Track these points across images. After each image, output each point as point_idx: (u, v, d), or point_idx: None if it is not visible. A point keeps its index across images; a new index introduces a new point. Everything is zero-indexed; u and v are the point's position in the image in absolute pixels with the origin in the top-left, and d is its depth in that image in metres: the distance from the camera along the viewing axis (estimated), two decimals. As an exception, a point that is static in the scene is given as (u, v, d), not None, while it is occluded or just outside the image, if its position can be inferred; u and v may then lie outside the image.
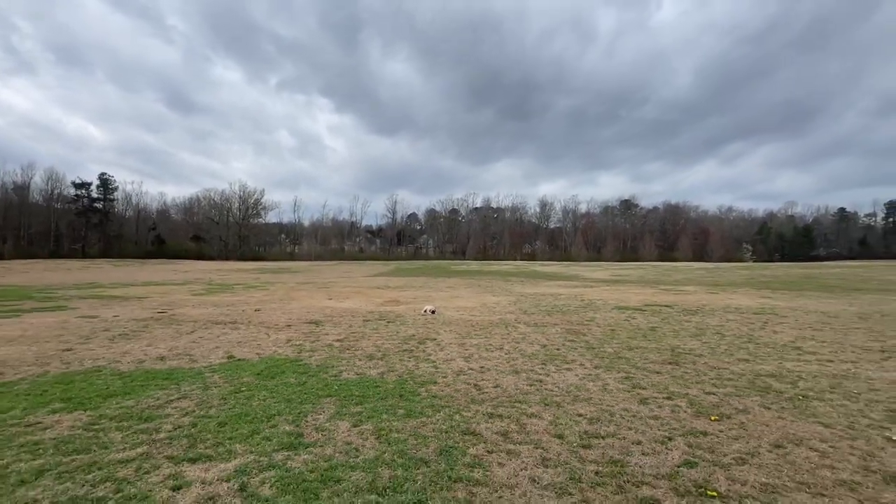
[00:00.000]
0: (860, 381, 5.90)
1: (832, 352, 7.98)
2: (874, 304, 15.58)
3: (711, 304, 15.73)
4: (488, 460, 3.49)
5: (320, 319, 11.52)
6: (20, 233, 68.00)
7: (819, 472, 3.32)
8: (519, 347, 8.16)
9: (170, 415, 4.47)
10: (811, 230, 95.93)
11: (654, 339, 9.03)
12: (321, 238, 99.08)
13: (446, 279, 31.37)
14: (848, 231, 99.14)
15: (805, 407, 4.83)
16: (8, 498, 2.88)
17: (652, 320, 11.81)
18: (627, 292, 20.62)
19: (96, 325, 10.38)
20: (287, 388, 5.46)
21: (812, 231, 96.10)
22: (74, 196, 72.62)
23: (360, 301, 16.27)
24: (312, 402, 4.88)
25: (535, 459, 3.51)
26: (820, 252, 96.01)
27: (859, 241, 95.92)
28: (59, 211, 72.18)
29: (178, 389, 5.37)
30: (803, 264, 57.43)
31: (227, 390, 5.34)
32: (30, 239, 68.63)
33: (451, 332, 9.65)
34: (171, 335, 9.14)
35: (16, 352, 7.41)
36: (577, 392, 5.39)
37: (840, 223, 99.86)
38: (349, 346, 8.18)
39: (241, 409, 4.66)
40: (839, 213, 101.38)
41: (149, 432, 4.00)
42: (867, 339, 9.19)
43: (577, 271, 43.31)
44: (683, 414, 4.59)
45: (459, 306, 14.74)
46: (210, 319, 11.37)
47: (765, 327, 10.77)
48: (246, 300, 16.42)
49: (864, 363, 7.10)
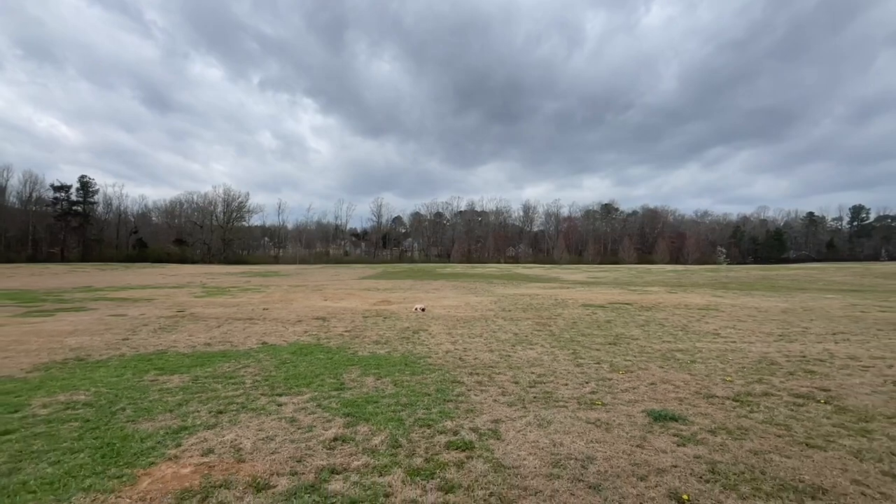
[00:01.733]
0: (740, 354, 8.17)
1: (740, 336, 10.29)
2: (804, 301, 18.22)
3: (666, 302, 18.15)
4: (467, 393, 5.55)
5: (325, 316, 13.42)
6: (-4, 237, 67.41)
7: (668, 394, 5.48)
8: (495, 335, 10.25)
9: (245, 375, 6.41)
10: (782, 234, 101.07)
11: (605, 329, 11.24)
12: (306, 241, 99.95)
13: (432, 281, 33.41)
14: (816, 234, 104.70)
15: (687, 367, 7.04)
16: (175, 412, 4.80)
17: (610, 315, 14.06)
18: (598, 292, 23.00)
19: (132, 321, 12.10)
20: (319, 361, 7.43)
21: (783, 234, 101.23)
22: (53, 199, 72.29)
23: (355, 301, 18.18)
24: (343, 368, 6.87)
25: (497, 392, 5.59)
26: (790, 254, 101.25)
27: (827, 244, 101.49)
28: (36, 214, 71.72)
29: (237, 363, 7.28)
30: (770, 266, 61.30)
31: (275, 363, 7.28)
32: (7, 243, 68.07)
33: (439, 325, 11.70)
34: (203, 328, 10.96)
35: (86, 341, 9.17)
36: (534, 361, 7.50)
37: (809, 227, 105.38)
38: (357, 335, 10.16)
39: (293, 371, 6.62)
40: (808, 217, 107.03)
41: (238, 384, 5.94)
42: (774, 328, 11.57)
43: (557, 274, 45.86)
44: (602, 371, 6.74)
45: (446, 305, 16.80)
46: (228, 317, 13.17)
47: (701, 320, 13.11)
48: (248, 301, 18.16)
49: (758, 343, 9.40)
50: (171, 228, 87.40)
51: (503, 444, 3.90)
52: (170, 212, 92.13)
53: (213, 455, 3.62)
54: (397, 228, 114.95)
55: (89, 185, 74.41)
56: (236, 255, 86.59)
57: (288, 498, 2.93)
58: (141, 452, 3.66)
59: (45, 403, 5.01)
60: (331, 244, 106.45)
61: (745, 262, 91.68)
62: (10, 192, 71.86)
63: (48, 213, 72.39)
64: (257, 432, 4.14)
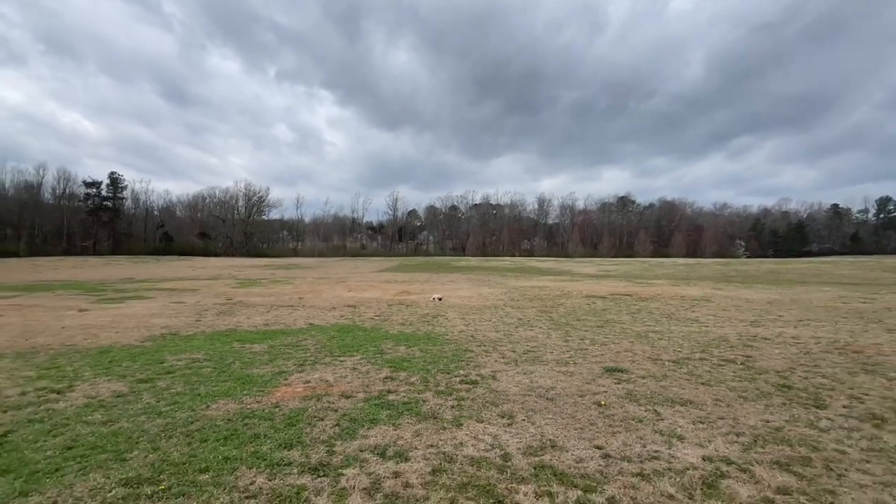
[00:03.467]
0: (704, 334, 9.97)
1: (715, 322, 12.04)
2: (798, 294, 19.68)
3: (665, 294, 19.82)
4: (475, 357, 7.55)
5: (354, 304, 15.56)
6: (34, 231, 71.90)
7: (626, 358, 7.39)
8: (502, 320, 12.23)
9: (307, 345, 8.53)
10: (804, 226, 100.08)
11: (599, 316, 13.10)
12: (323, 235, 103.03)
13: (448, 274, 35.48)
14: (841, 227, 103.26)
15: (653, 342, 8.91)
16: (270, 364, 6.91)
17: (608, 305, 15.88)
18: (604, 285, 24.73)
19: (193, 307, 14.43)
20: (359, 336, 9.52)
21: (805, 227, 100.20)
22: (85, 195, 76.51)
23: (377, 292, 20.33)
24: (379, 341, 8.94)
25: (498, 356, 7.58)
26: (813, 247, 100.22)
27: (851, 237, 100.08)
28: (70, 209, 76.04)
29: (296, 337, 9.42)
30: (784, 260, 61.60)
31: (325, 337, 9.40)
32: (43, 237, 72.55)
33: (454, 312, 13.73)
34: (256, 313, 13.19)
35: (168, 322, 11.46)
36: (531, 338, 9.46)
37: (833, 219, 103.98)
38: (385, 318, 12.25)
39: (342, 342, 8.72)
40: (832, 209, 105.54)
41: (304, 350, 8.05)
42: (751, 315, 13.26)
43: (570, 267, 47.46)
44: (583, 345, 8.67)
45: (461, 295, 18.82)
46: (272, 304, 15.42)
47: (689, 309, 14.83)
48: (282, 292, 20.46)
49: (727, 327, 11.15)
50: (195, 222, 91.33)
51: (497, 382, 5.90)
52: (193, 206, 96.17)
53: (311, 383, 5.71)
54: (412, 222, 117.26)
55: (118, 181, 78.55)
56: (257, 248, 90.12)
57: (366, 401, 4.99)
58: (264, 382, 5.77)
59: (177, 359, 7.19)
60: (347, 237, 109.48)
61: (765, 256, 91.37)
62: (45, 188, 76.32)
63: (81, 209, 76.67)
64: (333, 373, 6.23)
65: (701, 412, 4.73)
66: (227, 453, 3.63)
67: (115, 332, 9.85)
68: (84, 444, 3.83)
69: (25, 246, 69.40)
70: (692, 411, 4.75)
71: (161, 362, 6.96)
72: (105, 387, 5.53)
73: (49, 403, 4.91)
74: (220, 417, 4.47)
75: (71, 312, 13.20)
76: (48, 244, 72.36)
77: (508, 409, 4.79)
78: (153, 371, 6.36)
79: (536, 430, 4.21)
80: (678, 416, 4.58)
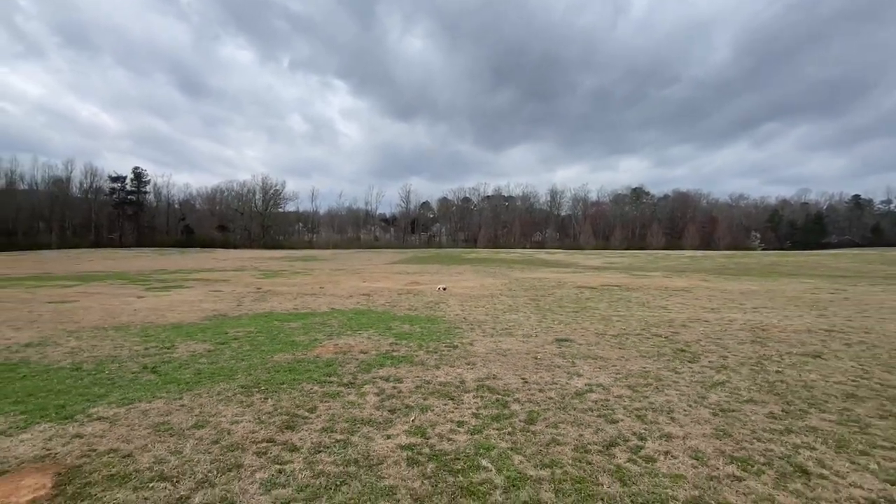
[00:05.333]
0: (658, 318, 12.09)
1: (679, 309, 14.11)
2: (780, 286, 21.49)
3: (652, 284, 21.82)
4: (462, 332, 9.86)
5: (368, 293, 18.00)
6: (64, 224, 76.46)
7: (578, 334, 9.62)
8: (494, 306, 14.51)
9: (332, 324, 10.94)
10: (822, 217, 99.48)
11: (580, 304, 15.27)
12: (337, 227, 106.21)
13: (457, 266, 37.83)
14: (862, 218, 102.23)
15: (610, 324, 11.09)
16: (307, 335, 9.32)
17: (593, 294, 18.01)
18: (601, 276, 26.78)
19: (231, 295, 17.04)
20: (372, 317, 11.92)
21: (824, 218, 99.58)
22: (111, 189, 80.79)
23: (389, 283, 22.76)
24: (389, 321, 11.32)
25: (480, 332, 9.88)
26: (832, 239, 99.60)
27: (872, 229, 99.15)
28: (97, 203, 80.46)
29: (322, 318, 11.84)
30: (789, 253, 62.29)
31: (346, 318, 11.81)
32: (73, 230, 77.09)
33: (455, 299, 16.05)
34: (286, 300, 15.71)
35: (214, 306, 14.03)
36: (512, 320, 11.72)
37: (854, 210, 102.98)
38: (394, 304, 14.64)
39: (358, 322, 11.13)
40: (853, 200, 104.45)
41: (330, 326, 10.47)
42: (717, 304, 15.27)
43: (576, 259, 49.35)
44: (552, 325, 10.90)
45: (464, 286, 21.13)
46: (297, 293, 17.96)
47: (665, 298, 16.87)
48: (304, 282, 23.05)
49: (686, 313, 13.23)
50: (214, 215, 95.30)
51: (472, 347, 8.22)
52: (211, 199, 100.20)
53: (338, 346, 8.11)
54: (425, 214, 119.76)
55: (142, 175, 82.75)
56: (274, 240, 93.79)
57: (377, 356, 7.37)
58: (305, 345, 8.18)
59: (236, 332, 9.66)
60: (361, 229, 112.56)
61: (782, 248, 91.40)
62: (73, 182, 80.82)
63: (107, 202, 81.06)
64: (354, 340, 8.63)
65: (604, 363, 6.97)
66: (293, 377, 6.04)
67: (178, 314, 12.43)
68: (204, 372, 6.28)
69: (57, 238, 74.05)
70: (598, 363, 7.00)
71: (225, 333, 9.44)
72: (196, 346, 8.02)
73: (166, 354, 7.40)
74: (282, 361, 6.90)
75: (132, 298, 15.90)
76: (77, 236, 76.92)
77: (473, 361, 7.11)
78: (223, 338, 8.84)
79: (487, 371, 6.52)
80: (586, 366, 6.84)
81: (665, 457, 3.84)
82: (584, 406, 5.08)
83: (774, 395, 5.49)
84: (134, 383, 5.78)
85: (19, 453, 3.77)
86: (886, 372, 6.50)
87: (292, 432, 4.27)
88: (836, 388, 5.76)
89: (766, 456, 3.87)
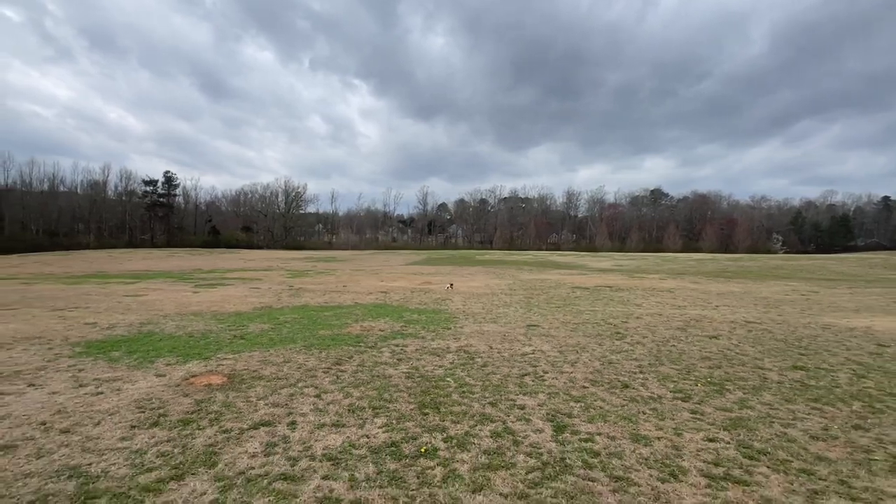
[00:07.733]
0: (626, 313, 14.83)
1: (651, 306, 16.78)
2: (759, 288, 23.79)
3: (642, 286, 24.38)
4: (458, 320, 12.86)
5: (386, 291, 21.15)
6: (101, 225, 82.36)
7: (546, 322, 12.50)
8: (492, 302, 17.45)
9: (357, 313, 14.06)
10: (848, 219, 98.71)
11: (567, 301, 18.08)
12: (356, 228, 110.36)
13: (469, 267, 40.78)
14: (891, 220, 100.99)
15: (580, 316, 13.91)
16: (340, 320, 12.45)
17: (583, 294, 20.76)
18: (601, 278, 29.38)
19: (269, 291, 20.41)
20: (388, 309, 15.01)
21: (850, 220, 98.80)
22: (143, 192, 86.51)
23: (404, 282, 25.89)
24: (401, 312, 14.39)
25: (472, 320, 12.86)
26: (858, 242, 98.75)
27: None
28: (130, 205, 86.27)
29: (348, 310, 14.98)
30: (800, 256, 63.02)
31: (367, 310, 14.93)
32: (109, 231, 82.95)
33: (459, 297, 19.05)
34: (316, 295, 18.97)
35: (259, 300, 17.36)
36: (502, 313, 14.64)
37: (882, 212, 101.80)
38: (407, 300, 17.72)
39: (377, 312, 14.23)
40: (882, 201, 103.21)
41: (355, 314, 13.60)
42: (690, 302, 17.87)
43: (586, 261, 51.71)
44: (531, 316, 13.78)
45: (471, 286, 24.11)
46: (324, 290, 21.23)
47: (645, 298, 19.51)
48: (328, 281, 26.37)
49: (654, 309, 15.91)
50: (238, 217, 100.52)
51: (462, 329, 11.20)
52: (235, 201, 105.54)
53: (364, 327, 11.22)
54: (442, 215, 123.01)
55: (172, 179, 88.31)
56: (295, 241, 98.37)
57: (391, 333, 10.44)
58: (339, 326, 11.31)
59: (285, 318, 12.86)
60: (379, 230, 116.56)
61: (805, 251, 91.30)
62: (109, 186, 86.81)
63: (139, 204, 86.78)
64: (374, 324, 11.72)
65: (553, 340, 9.88)
66: (335, 343, 9.16)
67: (232, 305, 15.76)
68: (275, 339, 9.45)
69: (95, 239, 79.92)
70: (549, 340, 9.91)
71: (276, 319, 12.66)
72: (262, 326, 11.24)
73: (243, 329, 10.63)
74: (325, 335, 10.04)
75: (188, 293, 19.39)
76: (113, 237, 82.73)
77: (459, 336, 10.12)
78: (277, 322, 12.05)
79: (466, 342, 9.52)
80: (538, 340, 9.76)
81: (552, 379, 6.79)
82: (522, 361, 8.04)
83: (653, 356, 8.35)
84: (232, 344, 9.00)
85: (192, 370, 6.97)
86: (751, 346, 9.24)
87: (340, 366, 7.37)
88: (700, 353, 8.57)
89: (613, 381, 6.78)
